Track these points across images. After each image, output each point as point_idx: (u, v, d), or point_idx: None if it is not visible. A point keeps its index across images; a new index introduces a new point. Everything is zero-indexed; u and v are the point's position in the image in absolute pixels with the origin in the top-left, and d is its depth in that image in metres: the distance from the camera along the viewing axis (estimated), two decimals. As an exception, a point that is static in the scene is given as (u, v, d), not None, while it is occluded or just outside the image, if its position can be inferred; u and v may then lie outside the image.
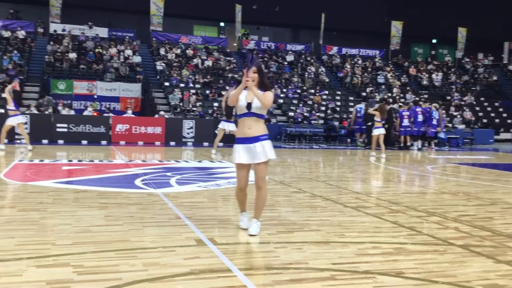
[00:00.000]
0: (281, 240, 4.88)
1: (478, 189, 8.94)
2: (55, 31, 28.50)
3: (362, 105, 21.21)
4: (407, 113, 19.62)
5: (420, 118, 19.61)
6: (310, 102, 26.42)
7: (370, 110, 16.19)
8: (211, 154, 14.43)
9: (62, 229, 5.06)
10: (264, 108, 4.99)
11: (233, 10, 32.54)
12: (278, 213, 6.19)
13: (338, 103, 27.38)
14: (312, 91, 27.79)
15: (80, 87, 24.18)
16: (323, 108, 25.97)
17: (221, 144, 15.67)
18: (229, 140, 17.78)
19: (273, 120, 23.65)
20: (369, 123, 20.22)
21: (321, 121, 23.98)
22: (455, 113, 27.65)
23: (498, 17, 39.79)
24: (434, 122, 19.77)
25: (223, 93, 20.47)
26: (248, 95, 5.01)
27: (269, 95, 4.98)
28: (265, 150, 4.99)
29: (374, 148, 15.72)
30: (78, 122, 18.18)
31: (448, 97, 30.64)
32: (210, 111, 22.93)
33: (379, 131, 15.18)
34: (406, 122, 19.57)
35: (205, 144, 18.70)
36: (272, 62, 30.19)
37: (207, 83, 26.20)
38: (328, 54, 34.55)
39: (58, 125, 17.95)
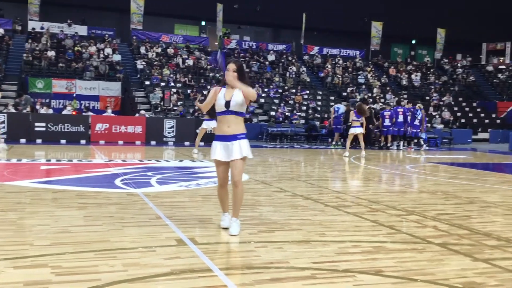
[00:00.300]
0: (262, 239, 4.88)
1: (456, 188, 9.06)
2: (33, 29, 28.10)
3: (339, 105, 21.35)
4: (389, 113, 19.79)
5: (400, 118, 19.79)
6: (291, 102, 26.51)
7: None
8: (193, 154, 14.38)
9: (40, 229, 5.00)
10: (247, 102, 5.05)
11: (214, 9, 32.47)
12: (259, 212, 6.19)
13: (319, 103, 27.54)
14: (294, 90, 27.89)
15: (59, 85, 23.88)
16: (304, 108, 26.09)
17: (202, 143, 15.62)
18: (210, 139, 17.77)
19: (255, 120, 23.67)
20: (349, 123, 20.41)
21: (302, 121, 24.09)
22: (433, 113, 28.01)
23: (477, 18, 40.39)
24: (417, 122, 19.90)
25: (205, 92, 20.38)
26: (227, 93, 5.04)
27: (252, 89, 5.06)
28: (241, 148, 5.02)
29: (348, 148, 15.80)
30: (57, 121, 17.96)
31: (427, 97, 31.03)
32: (191, 111, 22.86)
33: (355, 130, 15.29)
34: (387, 122, 19.73)
35: (186, 143, 18.62)
36: (254, 62, 30.21)
37: (188, 82, 26.10)
38: (309, 54, 34.71)
39: (36, 124, 17.71)
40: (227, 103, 5.00)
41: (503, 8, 41.32)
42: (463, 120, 29.69)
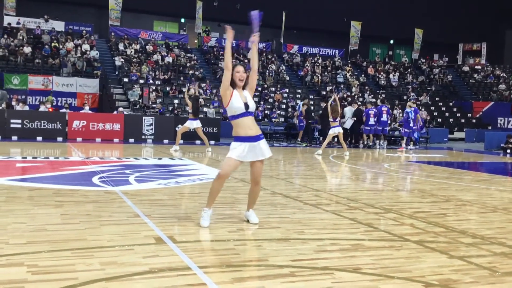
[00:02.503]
0: (241, 237, 4.88)
1: (432, 186, 9.19)
2: (9, 24, 27.59)
3: (300, 103, 21.77)
4: (373, 111, 19.83)
5: (384, 117, 19.90)
6: (271, 100, 26.55)
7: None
8: (173, 152, 14.30)
9: (16, 227, 4.91)
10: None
11: (194, 6, 32.32)
12: (239, 210, 6.19)
13: (299, 101, 27.61)
14: (273, 89, 27.93)
15: (35, 82, 23.49)
16: (283, 106, 26.15)
17: (181, 141, 15.55)
18: (191, 137, 17.72)
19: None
20: (310, 121, 20.65)
21: (282, 119, 24.13)
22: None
23: (453, 19, 41.01)
24: (412, 123, 19.84)
25: (183, 89, 20.24)
26: (241, 96, 5.19)
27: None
28: (267, 147, 5.32)
29: (323, 147, 15.89)
30: (33, 118, 17.66)
31: (405, 97, 31.39)
32: (170, 108, 22.72)
33: (333, 131, 15.37)
34: (372, 120, 19.72)
35: (165, 141, 18.51)
36: (233, 60, 30.15)
37: (167, 79, 25.93)
38: (289, 53, 34.79)
39: (12, 121, 17.38)
40: (246, 105, 5.17)
41: (479, 10, 42.05)
42: (439, 120, 30.12)
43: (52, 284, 3.40)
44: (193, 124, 14.55)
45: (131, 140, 18.46)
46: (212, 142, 18.78)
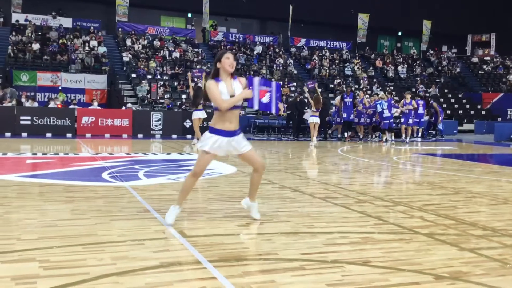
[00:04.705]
0: (250, 231, 4.90)
1: (442, 178, 9.15)
2: (17, 21, 27.71)
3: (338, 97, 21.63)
4: (386, 104, 19.39)
5: (393, 110, 19.66)
6: (278, 94, 26.47)
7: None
8: (195, 145, 14.24)
9: (27, 223, 4.96)
10: None
11: (201, 1, 32.28)
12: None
13: (307, 95, 27.51)
14: (281, 83, 27.86)
15: (44, 78, 23.61)
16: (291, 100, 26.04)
17: (189, 136, 15.59)
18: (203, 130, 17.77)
19: (242, 112, 23.60)
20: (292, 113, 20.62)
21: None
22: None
23: (462, 10, 40.66)
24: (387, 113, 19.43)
25: (188, 74, 19.88)
26: (228, 88, 4.90)
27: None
28: (244, 143, 5.07)
29: (313, 136, 16.05)
30: (42, 115, 17.77)
31: (413, 89, 31.21)
32: (178, 103, 22.75)
33: (313, 119, 15.89)
34: (387, 113, 19.25)
35: (174, 136, 18.56)
36: (241, 54, 30.12)
37: (175, 74, 25.96)
38: (296, 46, 34.68)
39: (21, 117, 17.51)
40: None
41: (488, 0, 41.62)
42: (448, 112, 29.92)
43: (64, 279, 3.43)
44: (199, 115, 14.65)
45: (140, 135, 18.52)
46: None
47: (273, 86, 5.07)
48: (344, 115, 19.61)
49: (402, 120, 19.86)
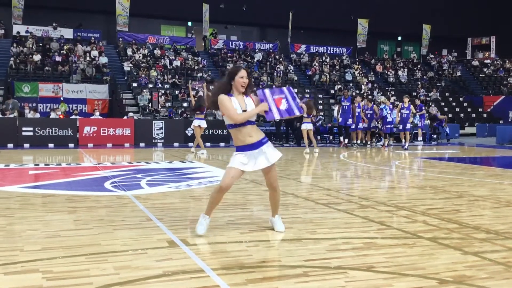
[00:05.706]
0: (253, 238, 4.89)
1: (445, 182, 9.14)
2: (18, 32, 27.86)
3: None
4: (389, 109, 19.42)
5: (394, 115, 19.58)
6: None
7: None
8: (200, 155, 14.17)
9: (30, 234, 4.96)
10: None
11: (201, 9, 32.42)
12: (250, 211, 6.20)
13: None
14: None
15: (46, 89, 23.70)
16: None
17: (191, 144, 15.60)
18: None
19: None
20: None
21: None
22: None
23: (461, 13, 40.73)
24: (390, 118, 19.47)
25: (189, 85, 19.98)
26: (241, 103, 4.86)
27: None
28: (273, 151, 4.94)
29: (306, 144, 15.96)
30: (44, 125, 17.80)
31: (414, 93, 31.23)
32: (179, 112, 22.80)
33: (306, 126, 15.62)
34: (389, 118, 19.25)
35: (176, 144, 18.57)
36: (241, 61, 30.20)
37: (176, 83, 26.03)
38: (296, 53, 34.77)
39: (23, 128, 17.54)
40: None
41: (487, 3, 41.72)
42: (450, 115, 29.91)
43: (67, 290, 3.43)
44: (201, 123, 14.65)
45: (142, 144, 18.54)
46: (222, 144, 18.86)
47: (285, 91, 5.02)
48: (340, 119, 19.32)
49: (401, 126, 19.80)
